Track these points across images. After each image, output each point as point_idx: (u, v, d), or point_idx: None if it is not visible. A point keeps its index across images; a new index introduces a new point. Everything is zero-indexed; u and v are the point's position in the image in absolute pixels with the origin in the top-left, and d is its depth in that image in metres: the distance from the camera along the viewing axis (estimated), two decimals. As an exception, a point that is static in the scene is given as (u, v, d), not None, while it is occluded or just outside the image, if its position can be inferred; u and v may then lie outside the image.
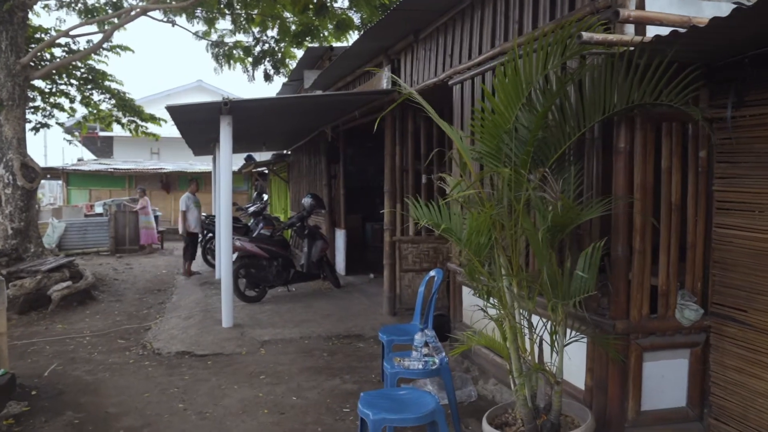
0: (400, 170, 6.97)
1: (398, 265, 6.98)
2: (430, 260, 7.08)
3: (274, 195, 18.47)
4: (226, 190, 6.36)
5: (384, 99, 6.81)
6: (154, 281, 10.41)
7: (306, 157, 12.58)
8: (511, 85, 2.89)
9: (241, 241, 7.84)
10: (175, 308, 7.87)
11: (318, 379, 4.94)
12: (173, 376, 5.07)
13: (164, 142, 26.67)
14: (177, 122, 7.06)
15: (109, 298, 8.79)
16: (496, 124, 2.99)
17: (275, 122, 7.83)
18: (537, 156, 2.99)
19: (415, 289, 7.03)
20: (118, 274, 11.11)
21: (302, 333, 6.30)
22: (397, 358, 3.83)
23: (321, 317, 6.99)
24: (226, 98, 5.72)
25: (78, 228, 13.88)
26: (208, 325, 6.62)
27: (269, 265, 8.04)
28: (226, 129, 6.16)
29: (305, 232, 8.63)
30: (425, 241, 7.05)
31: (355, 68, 7.97)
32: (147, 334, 6.58)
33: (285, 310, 7.43)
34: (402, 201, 6.99)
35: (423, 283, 4.91)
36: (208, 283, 9.69)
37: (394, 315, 6.99)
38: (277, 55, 11.20)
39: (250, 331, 6.38)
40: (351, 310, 7.33)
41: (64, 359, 5.59)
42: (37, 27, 10.24)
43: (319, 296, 8.31)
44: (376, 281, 9.36)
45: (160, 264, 12.80)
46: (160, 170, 20.55)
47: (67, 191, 20.00)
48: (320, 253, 8.55)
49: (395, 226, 6.97)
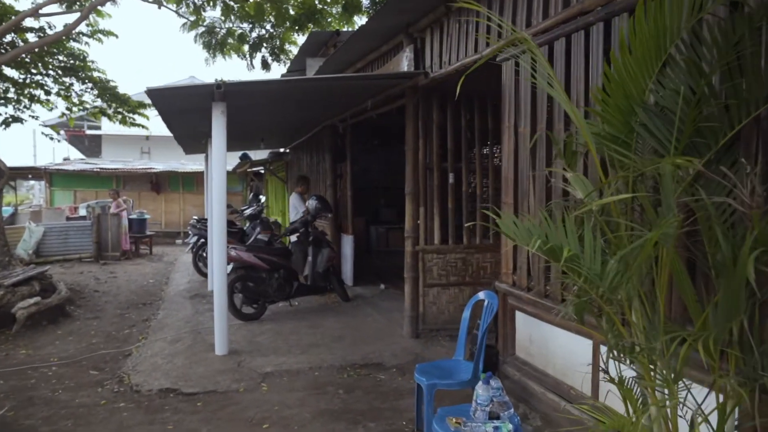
0: (423, 168, 5.96)
1: (421, 279, 5.97)
2: (458, 273, 6.08)
3: (270, 196, 17.42)
4: (220, 190, 5.34)
5: (405, 84, 5.80)
6: (140, 293, 9.35)
7: (307, 155, 11.55)
8: (652, 35, 1.89)
9: (237, 250, 6.82)
10: (161, 327, 6.83)
11: (336, 428, 3.93)
12: (154, 424, 4.04)
13: (155, 141, 25.69)
14: (162, 112, 6.03)
15: (86, 314, 7.73)
16: (627, 93, 1.99)
17: (276, 113, 6.82)
18: (693, 142, 1.97)
19: (441, 307, 6.04)
20: (99, 285, 10.03)
21: (311, 362, 5.28)
22: (454, 419, 2.83)
23: (331, 340, 5.97)
24: (219, 80, 4.71)
25: (58, 232, 12.78)
26: (199, 352, 5.59)
27: (269, 277, 7.01)
28: (219, 118, 5.14)
29: (310, 239, 7.61)
30: (452, 251, 6.05)
31: (366, 52, 6.96)
32: (126, 362, 5.54)
33: (288, 330, 6.40)
34: (426, 204, 5.98)
35: (468, 308, 3.91)
36: (199, 295, 8.65)
37: (417, 337, 5.98)
38: (276, 41, 10.13)
39: (248, 359, 5.36)
40: (365, 331, 6.31)
41: (20, 399, 4.54)
42: (8, 6, 9.13)
43: (327, 312, 7.28)
44: (388, 293, 8.36)
45: (148, 272, 11.73)
46: (149, 170, 19.44)
47: (50, 192, 18.85)
48: (327, 263, 7.54)
49: (418, 233, 5.96)
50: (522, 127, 3.85)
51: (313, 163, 10.88)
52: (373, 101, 6.70)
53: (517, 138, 3.89)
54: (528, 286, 3.80)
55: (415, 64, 5.78)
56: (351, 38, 6.56)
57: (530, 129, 3.76)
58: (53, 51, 9.84)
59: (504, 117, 4.09)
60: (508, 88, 4.04)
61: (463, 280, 6.11)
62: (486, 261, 6.18)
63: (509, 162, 4.02)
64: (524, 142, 3.81)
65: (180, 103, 5.51)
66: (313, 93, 6.04)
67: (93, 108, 10.93)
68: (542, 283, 3.63)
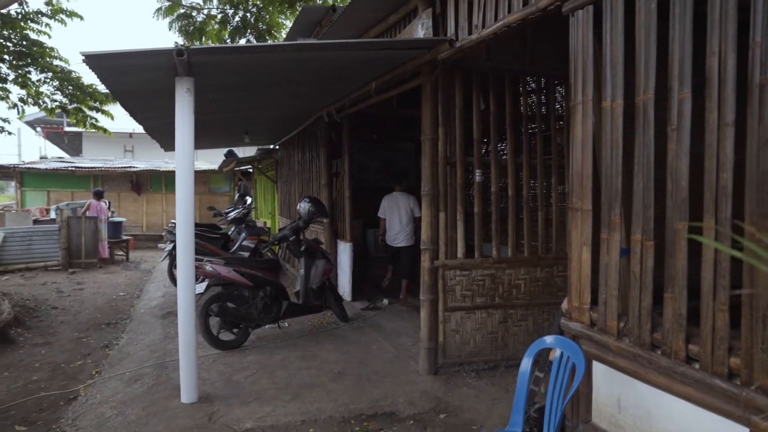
0: (444, 164, 4.79)
1: (441, 302, 4.80)
2: (486, 293, 4.91)
3: (259, 197, 16.21)
4: (185, 189, 4.12)
5: (421, 58, 4.62)
6: (105, 309, 8.10)
7: (298, 151, 10.34)
8: None
9: (213, 264, 5.60)
10: (121, 358, 5.61)
11: None
12: None
13: (139, 139, 24.24)
14: (115, 93, 4.81)
15: (35, 338, 6.48)
16: None
17: (261, 99, 5.61)
18: None
19: (465, 336, 4.87)
20: (60, 299, 8.76)
21: (305, 412, 4.08)
22: None
23: (330, 378, 4.78)
24: (180, 45, 3.52)
25: (21, 238, 11.46)
26: (160, 399, 4.37)
27: (253, 296, 5.81)
28: (184, 98, 3.93)
29: (302, 249, 6.40)
30: (479, 266, 4.88)
31: (369, 25, 5.78)
32: (67, 410, 4.34)
33: (276, 363, 5.20)
34: (447, 208, 4.81)
35: (527, 356, 2.76)
36: (172, 313, 7.39)
37: (436, 374, 4.81)
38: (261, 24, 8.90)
39: (223, 409, 4.15)
40: (371, 365, 5.13)
41: None
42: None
43: (322, 337, 6.08)
44: (393, 310, 7.18)
45: (120, 282, 10.46)
46: (129, 169, 18.13)
47: (21, 193, 17.48)
48: (322, 277, 6.34)
49: (438, 245, 4.78)
50: (607, 101, 2.68)
51: (305, 160, 9.67)
52: (379, 83, 5.53)
53: (602, 116, 2.72)
54: (620, 330, 2.63)
55: (434, 34, 4.61)
56: (350, 7, 5.37)
57: (623, 103, 2.59)
58: (5, 33, 8.55)
59: (575, 90, 2.92)
60: (582, 48, 2.87)
61: (491, 302, 4.95)
62: (519, 278, 5.01)
63: (584, 152, 2.86)
64: (613, 122, 2.64)
65: (134, 80, 4.29)
66: (306, 70, 4.84)
67: (53, 102, 9.59)
68: (647, 327, 2.46)
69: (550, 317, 5.17)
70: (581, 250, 2.86)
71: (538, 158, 5.13)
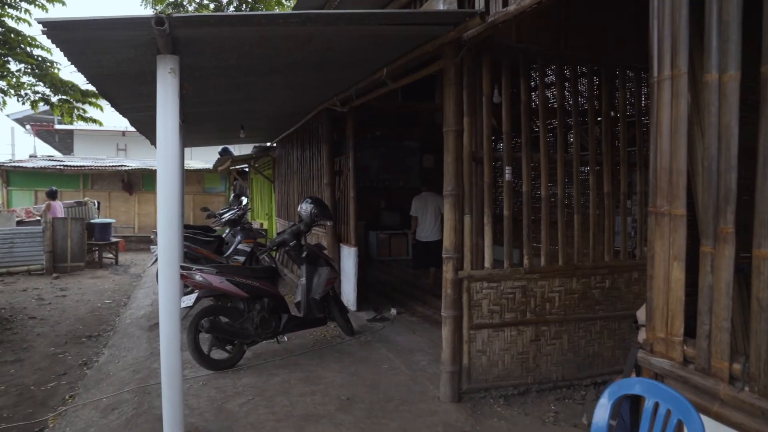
0: (469, 159, 4.15)
1: (466, 318, 4.17)
2: (516, 308, 4.28)
3: (256, 197, 15.56)
4: (169, 187, 3.48)
5: (444, 37, 3.97)
6: (88, 319, 7.44)
7: (297, 148, 9.70)
8: None
9: (204, 274, 4.95)
10: (100, 379, 4.96)
11: None
12: None
13: (132, 137, 23.44)
14: (90, 77, 4.16)
15: (5, 354, 5.82)
16: None
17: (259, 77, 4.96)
18: None
19: (492, 357, 4.25)
20: (40, 307, 8.10)
21: (309, 453, 3.44)
22: None
23: (337, 406, 4.14)
24: (161, 13, 2.87)
25: (1, 240, 10.78)
26: (139, 434, 3.72)
27: (249, 308, 5.16)
28: (167, 80, 3.28)
29: (303, 255, 5.76)
30: (509, 277, 4.25)
31: (383, 3, 5.16)
32: (30, 448, 3.69)
33: (275, 386, 4.55)
34: (473, 210, 4.18)
35: (603, 407, 2.13)
36: (160, 325, 6.74)
37: (460, 401, 4.18)
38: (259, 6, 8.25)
39: (213, 449, 3.51)
40: (383, 389, 4.49)
41: None
42: None
43: (326, 354, 5.44)
44: (403, 321, 6.54)
45: (107, 288, 9.79)
46: (120, 167, 17.44)
47: (8, 193, 16.75)
48: (326, 287, 5.70)
49: (462, 252, 4.15)
50: (713, 74, 2.05)
51: (305, 158, 9.03)
52: (391, 69, 4.89)
53: (704, 95, 2.09)
54: (732, 374, 2.00)
55: (458, 7, 3.98)
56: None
57: (740, 75, 1.96)
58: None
59: (659, 62, 2.29)
60: (670, 3, 2.24)
61: (522, 318, 4.32)
62: (554, 290, 4.39)
63: (674, 142, 2.23)
64: (724, 100, 2.01)
65: (111, 61, 3.65)
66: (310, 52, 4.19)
67: (35, 94, 8.91)
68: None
69: (587, 334, 4.56)
70: (670, 266, 2.23)
71: (604, 151, 4.52)
